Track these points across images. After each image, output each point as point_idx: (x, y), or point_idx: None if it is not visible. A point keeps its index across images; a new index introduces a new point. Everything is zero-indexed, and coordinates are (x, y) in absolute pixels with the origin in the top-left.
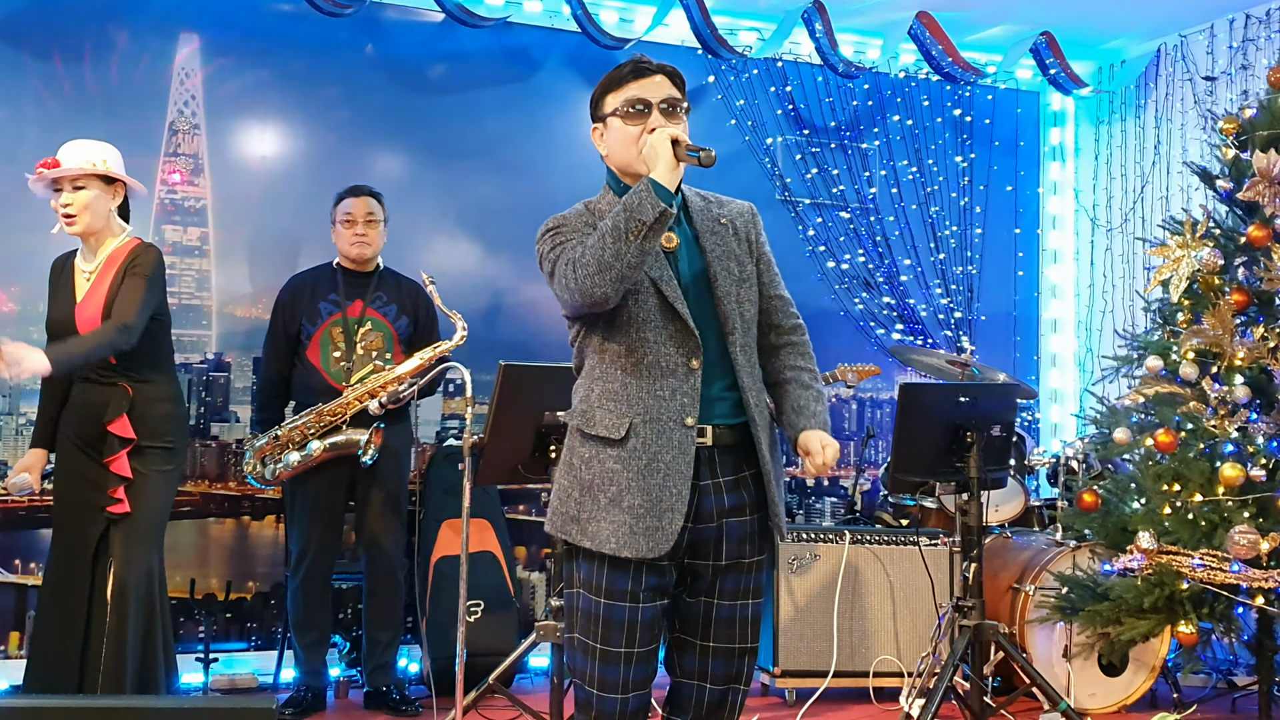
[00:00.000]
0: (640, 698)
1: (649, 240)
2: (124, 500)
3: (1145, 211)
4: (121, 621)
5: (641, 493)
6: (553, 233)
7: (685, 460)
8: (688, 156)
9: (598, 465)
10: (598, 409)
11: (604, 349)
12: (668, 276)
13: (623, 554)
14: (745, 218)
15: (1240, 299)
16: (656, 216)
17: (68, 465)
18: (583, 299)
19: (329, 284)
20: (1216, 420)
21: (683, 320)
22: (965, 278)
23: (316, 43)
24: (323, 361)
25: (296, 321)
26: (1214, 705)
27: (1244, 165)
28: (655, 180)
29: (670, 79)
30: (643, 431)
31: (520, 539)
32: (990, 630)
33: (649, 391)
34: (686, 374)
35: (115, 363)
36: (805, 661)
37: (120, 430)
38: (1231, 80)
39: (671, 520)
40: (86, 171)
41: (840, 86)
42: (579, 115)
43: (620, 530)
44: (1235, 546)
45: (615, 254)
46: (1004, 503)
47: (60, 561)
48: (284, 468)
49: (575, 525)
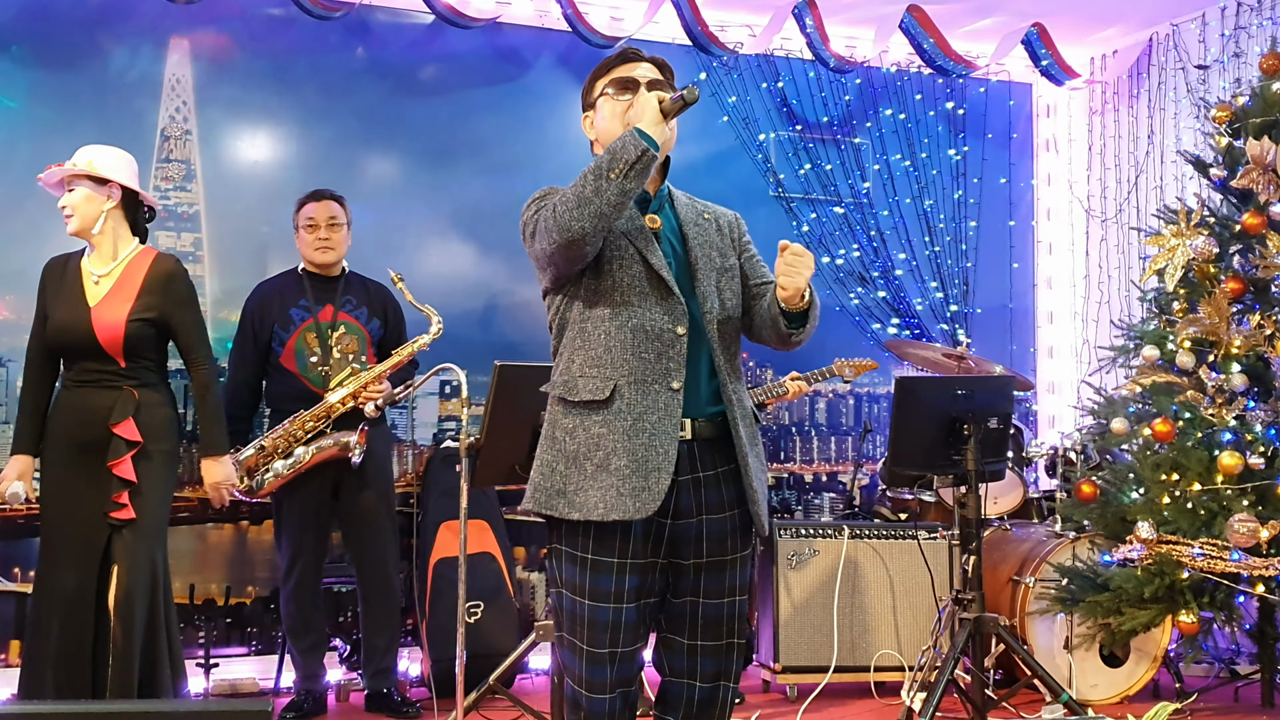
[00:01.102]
0: (626, 695)
1: (630, 180)
2: (128, 505)
3: (1140, 201)
4: (128, 630)
5: (627, 453)
6: (538, 199)
7: (672, 422)
8: (673, 106)
9: (582, 433)
10: (580, 377)
11: (586, 318)
12: (651, 245)
13: (610, 517)
14: (729, 219)
15: (1236, 287)
16: (639, 155)
17: (63, 472)
18: (560, 236)
19: (297, 290)
20: (1214, 409)
21: (667, 286)
22: (960, 271)
23: (307, 46)
24: (300, 368)
25: (267, 329)
26: (1216, 694)
27: (1237, 153)
28: (640, 129)
29: (658, 68)
30: (627, 393)
31: (519, 539)
32: (991, 623)
33: (634, 354)
34: (673, 339)
35: (125, 366)
36: (806, 657)
37: (126, 433)
38: (1224, 68)
39: (659, 480)
40: (73, 172)
41: (832, 81)
42: (570, 115)
43: (608, 494)
44: (1235, 535)
45: (595, 190)
46: (1002, 495)
47: (63, 573)
48: (272, 477)
49: (561, 499)
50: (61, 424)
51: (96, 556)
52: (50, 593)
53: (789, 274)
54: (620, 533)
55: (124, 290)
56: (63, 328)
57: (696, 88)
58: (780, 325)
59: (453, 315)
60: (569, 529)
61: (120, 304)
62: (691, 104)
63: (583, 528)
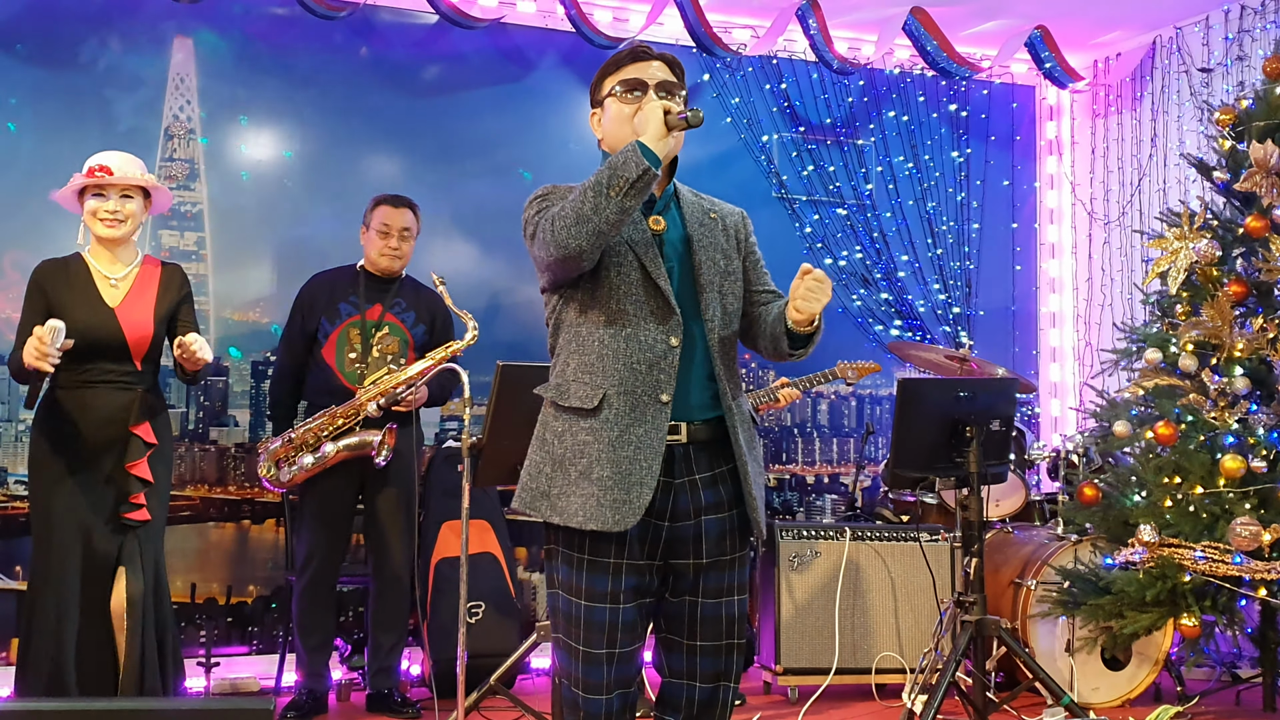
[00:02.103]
0: (624, 696)
1: (629, 198)
2: (144, 506)
3: (1143, 204)
4: (136, 628)
5: (611, 464)
6: (540, 198)
7: (658, 436)
8: (678, 122)
9: (570, 439)
10: (573, 381)
11: (581, 322)
12: (652, 253)
13: (588, 526)
14: (735, 218)
15: (1239, 290)
16: (640, 174)
17: (70, 474)
18: (558, 252)
19: (350, 286)
20: (1217, 412)
21: (664, 296)
22: (963, 273)
23: (311, 46)
24: (338, 362)
25: (315, 319)
26: (1218, 698)
27: (1241, 156)
28: (643, 143)
29: (669, 67)
30: (616, 403)
31: (521, 540)
32: (992, 625)
33: (625, 364)
34: (665, 350)
35: (140, 369)
36: (807, 659)
37: (145, 434)
38: (1228, 71)
39: (640, 494)
40: (135, 181)
41: (835, 83)
42: (574, 115)
43: (588, 503)
44: (1237, 538)
45: (594, 208)
46: (1004, 497)
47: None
48: (299, 470)
49: (545, 501)
50: (69, 425)
51: (110, 557)
52: (56, 594)
53: (808, 299)
54: (616, 535)
55: (144, 294)
56: (86, 328)
57: (701, 112)
58: (782, 344)
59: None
60: (566, 529)
61: (144, 307)
62: (695, 126)
63: (580, 529)
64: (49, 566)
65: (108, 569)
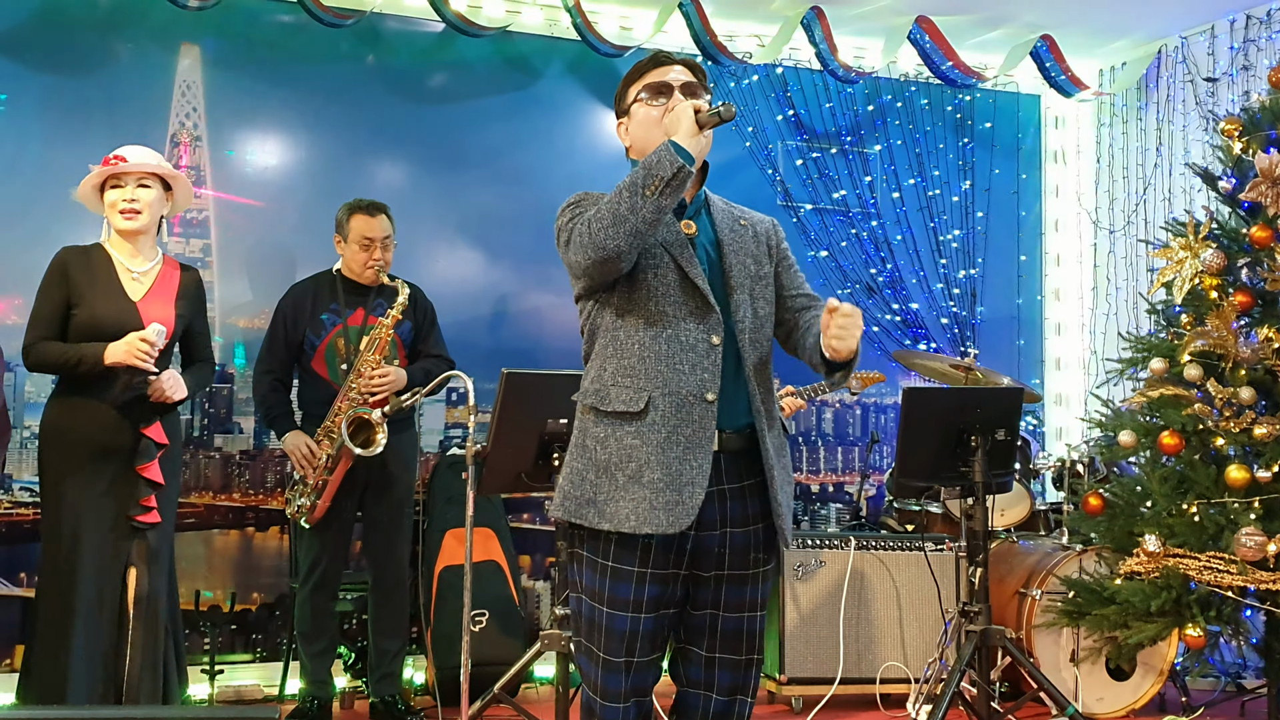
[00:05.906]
0: (641, 704)
1: (665, 197)
2: (155, 509)
3: (1148, 213)
4: (149, 634)
5: (661, 466)
6: (573, 205)
7: (706, 435)
8: (709, 119)
9: (614, 444)
10: (613, 386)
11: (619, 326)
12: (688, 253)
13: (642, 530)
14: (766, 225)
15: (1244, 300)
16: (674, 172)
17: (82, 476)
18: (596, 254)
19: (329, 293)
20: (1222, 422)
21: (702, 295)
22: (968, 281)
23: (317, 54)
24: (330, 374)
25: (299, 332)
26: (1223, 709)
27: (1246, 165)
28: (676, 142)
29: (690, 69)
30: (661, 405)
31: (524, 548)
32: (997, 635)
33: (668, 365)
34: (708, 350)
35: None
36: (811, 668)
37: (155, 434)
38: (1233, 81)
39: (692, 494)
40: (150, 169)
41: (841, 92)
42: (580, 123)
43: (640, 506)
44: (1242, 548)
45: (631, 208)
46: (1009, 507)
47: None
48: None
49: (591, 508)
50: (79, 425)
51: (123, 561)
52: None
53: (841, 336)
54: (643, 543)
55: (164, 292)
56: (108, 319)
57: (733, 105)
58: (823, 371)
59: (460, 322)
60: (591, 534)
61: (164, 305)
62: (727, 120)
63: (605, 535)
64: (58, 570)
65: (119, 573)
